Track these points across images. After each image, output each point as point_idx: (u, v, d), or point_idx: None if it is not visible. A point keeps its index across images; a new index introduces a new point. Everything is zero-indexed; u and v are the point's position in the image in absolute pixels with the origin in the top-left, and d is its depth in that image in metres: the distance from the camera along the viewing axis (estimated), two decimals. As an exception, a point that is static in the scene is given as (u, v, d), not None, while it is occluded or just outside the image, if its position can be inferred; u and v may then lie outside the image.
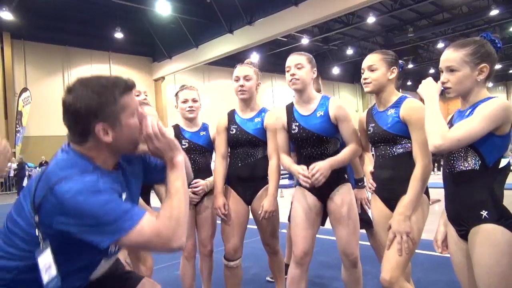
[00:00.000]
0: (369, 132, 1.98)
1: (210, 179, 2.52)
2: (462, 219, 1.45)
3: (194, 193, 2.45)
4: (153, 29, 19.16)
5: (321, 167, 1.95)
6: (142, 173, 1.41)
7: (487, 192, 1.38)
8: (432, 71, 31.13)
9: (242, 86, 2.35)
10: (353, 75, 30.30)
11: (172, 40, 18.70)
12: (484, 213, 1.38)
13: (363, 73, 1.93)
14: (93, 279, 1.33)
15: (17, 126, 15.52)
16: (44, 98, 16.82)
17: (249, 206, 2.44)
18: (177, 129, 2.60)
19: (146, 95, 2.56)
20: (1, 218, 1.33)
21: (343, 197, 2.13)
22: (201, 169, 2.54)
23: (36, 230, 1.13)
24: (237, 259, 2.41)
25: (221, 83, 23.56)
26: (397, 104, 1.86)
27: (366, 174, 2.14)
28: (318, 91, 2.67)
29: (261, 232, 2.50)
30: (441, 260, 3.12)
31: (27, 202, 1.16)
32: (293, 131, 2.17)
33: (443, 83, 1.49)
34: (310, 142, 2.13)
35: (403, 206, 1.72)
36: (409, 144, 1.83)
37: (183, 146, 2.47)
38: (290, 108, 2.22)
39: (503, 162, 1.40)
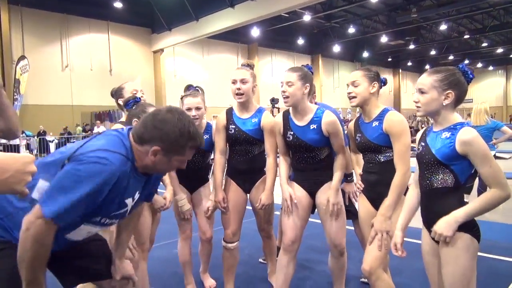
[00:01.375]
0: (356, 142, 2.17)
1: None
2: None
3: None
4: (153, 0, 18.84)
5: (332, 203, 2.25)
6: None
7: (458, 205, 1.57)
8: (433, 52, 30.97)
9: (239, 89, 2.47)
10: (353, 54, 30.10)
11: (172, 12, 18.42)
12: None
13: (348, 88, 2.12)
14: (72, 242, 1.48)
15: (15, 94, 15.49)
16: (42, 66, 16.73)
17: (247, 195, 2.65)
18: None
19: (143, 94, 2.66)
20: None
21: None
22: (201, 168, 2.72)
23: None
24: (235, 242, 2.63)
25: (221, 57, 23.39)
26: (381, 117, 2.05)
27: (356, 174, 2.35)
28: (313, 92, 2.85)
29: (257, 219, 2.72)
30: (418, 248, 3.36)
31: (62, 154, 1.37)
32: (288, 139, 2.35)
33: (415, 102, 1.69)
34: (303, 149, 2.32)
35: (384, 208, 1.93)
36: (391, 153, 2.03)
37: None
38: (286, 116, 2.38)
39: (470, 182, 1.59)
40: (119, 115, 18.02)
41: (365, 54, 29.28)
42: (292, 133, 2.33)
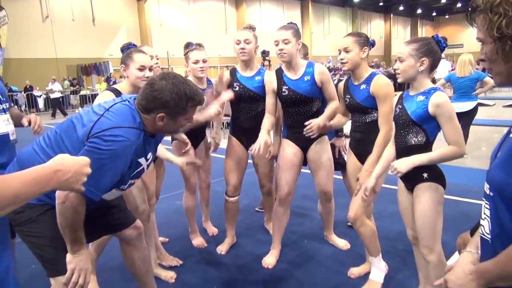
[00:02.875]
0: (346, 102, 2.34)
1: None
2: (410, 178, 1.89)
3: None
4: None
5: (316, 123, 2.33)
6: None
7: None
8: (425, -5, 30.15)
9: (243, 49, 2.61)
10: (344, -2, 29.21)
11: (155, -44, 17.40)
12: (425, 174, 1.83)
13: (339, 54, 2.24)
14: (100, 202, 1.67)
15: (-4, 48, 14.96)
16: (21, 18, 15.99)
17: (249, 152, 2.83)
18: None
19: (157, 59, 2.69)
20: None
21: (320, 147, 2.59)
22: (197, 134, 2.86)
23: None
24: (236, 196, 2.89)
25: (208, 4, 22.52)
26: (368, 80, 2.22)
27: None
28: (306, 54, 2.97)
29: (259, 175, 2.97)
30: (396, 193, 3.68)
31: (83, 129, 1.52)
32: (283, 94, 2.52)
33: (395, 69, 1.88)
34: (297, 102, 2.50)
35: (368, 164, 2.15)
36: (376, 114, 2.23)
37: None
38: (279, 73, 2.54)
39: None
40: (106, 68, 17.66)
41: (357, -1, 28.43)
42: (287, 87, 2.49)
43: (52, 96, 14.26)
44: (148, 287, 2.07)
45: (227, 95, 2.56)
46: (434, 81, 9.28)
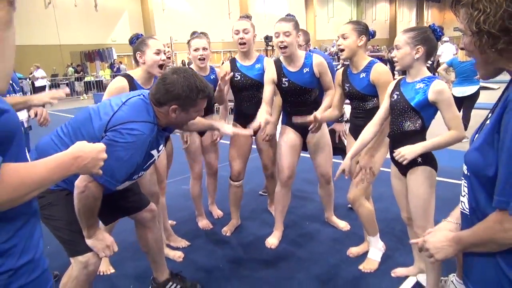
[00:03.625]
0: (345, 91, 2.42)
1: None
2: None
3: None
4: None
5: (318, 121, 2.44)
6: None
7: (421, 143, 1.90)
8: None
9: (242, 38, 2.70)
10: (349, -19, 28.73)
11: None
12: (419, 159, 1.91)
13: (337, 41, 2.31)
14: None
15: (-1, 35, 14.98)
16: (23, 4, 15.95)
17: (252, 138, 2.95)
18: None
19: (168, 47, 2.75)
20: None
21: (319, 132, 2.68)
22: (205, 110, 2.95)
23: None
24: (240, 180, 3.01)
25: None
26: (367, 69, 2.29)
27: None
28: (308, 40, 3.04)
29: (262, 159, 3.08)
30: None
31: (100, 121, 1.62)
32: (283, 85, 2.60)
33: (392, 57, 1.95)
34: (297, 92, 2.59)
35: (368, 148, 2.24)
36: (375, 100, 2.31)
37: None
38: (278, 65, 2.61)
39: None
40: (109, 54, 17.66)
41: (361, -19, 27.95)
42: (287, 79, 2.58)
43: (36, 84, 13.83)
44: (159, 266, 2.21)
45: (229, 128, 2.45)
46: (438, 64, 9.25)
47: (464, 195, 1.05)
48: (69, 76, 16.21)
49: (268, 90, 2.63)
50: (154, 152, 1.78)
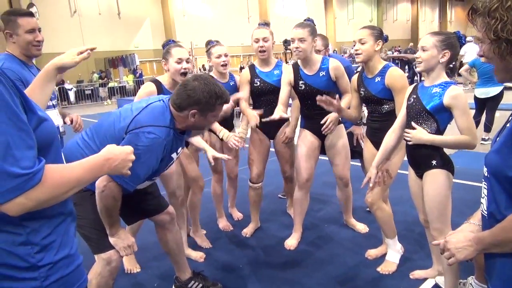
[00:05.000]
0: (361, 95, 2.46)
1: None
2: (419, 165, 2.01)
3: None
4: None
5: (331, 120, 2.54)
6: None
7: (437, 147, 1.93)
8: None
9: (262, 47, 2.79)
10: (369, -18, 28.45)
11: None
12: (434, 162, 1.94)
13: (354, 46, 2.35)
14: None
15: (29, 44, 15.63)
16: (51, 13, 16.58)
17: (271, 141, 3.04)
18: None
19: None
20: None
21: (337, 135, 2.75)
22: (227, 118, 3.03)
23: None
24: (260, 183, 3.08)
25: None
26: (382, 73, 2.32)
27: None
28: (326, 45, 3.09)
29: (281, 162, 3.15)
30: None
31: (121, 124, 1.73)
32: (300, 88, 2.67)
33: (417, 58, 1.96)
34: (314, 95, 2.60)
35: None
36: (391, 104, 2.34)
37: None
38: (296, 68, 2.68)
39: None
40: (132, 60, 18.12)
41: (381, -19, 27.62)
42: (303, 82, 2.64)
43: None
44: (181, 265, 2.31)
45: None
46: (461, 65, 9.07)
47: (484, 197, 1.08)
48: (93, 82, 16.72)
49: (284, 91, 2.69)
50: (173, 155, 1.87)
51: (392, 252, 2.53)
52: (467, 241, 1.08)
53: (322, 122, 2.55)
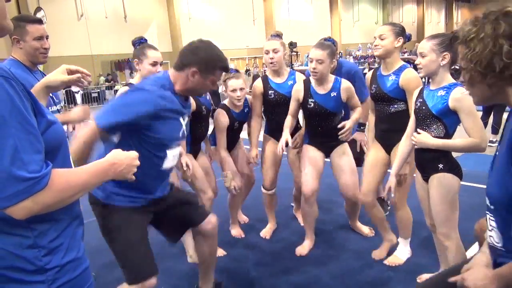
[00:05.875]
0: (371, 92, 2.45)
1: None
2: (426, 169, 2.00)
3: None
4: None
5: (348, 127, 2.52)
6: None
7: (444, 151, 1.91)
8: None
9: (272, 58, 2.75)
10: (375, -17, 28.39)
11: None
12: (440, 165, 1.92)
13: (375, 41, 2.32)
14: (164, 169, 1.85)
15: (37, 47, 15.77)
16: (58, 17, 16.73)
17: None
18: (228, 110, 2.87)
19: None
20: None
21: (342, 152, 2.72)
22: (236, 133, 3.01)
23: None
24: (273, 189, 3.09)
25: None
26: (398, 72, 2.30)
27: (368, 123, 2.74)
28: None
29: (294, 171, 3.13)
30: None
31: None
32: (309, 106, 2.61)
33: (417, 64, 1.94)
34: (321, 115, 2.62)
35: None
36: (401, 104, 2.32)
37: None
38: (307, 85, 2.62)
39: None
40: (138, 63, 18.23)
41: (387, -17, 27.55)
42: (313, 100, 2.59)
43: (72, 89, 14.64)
44: (207, 277, 2.24)
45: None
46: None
47: (492, 229, 1.06)
48: (100, 85, 16.84)
49: (293, 105, 2.69)
50: (180, 119, 1.83)
51: (403, 249, 2.58)
52: (487, 278, 1.05)
53: (339, 126, 2.51)
